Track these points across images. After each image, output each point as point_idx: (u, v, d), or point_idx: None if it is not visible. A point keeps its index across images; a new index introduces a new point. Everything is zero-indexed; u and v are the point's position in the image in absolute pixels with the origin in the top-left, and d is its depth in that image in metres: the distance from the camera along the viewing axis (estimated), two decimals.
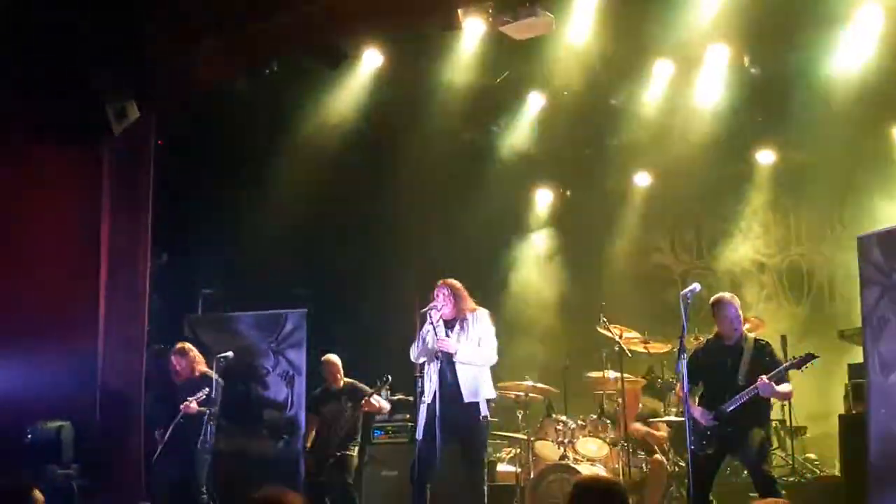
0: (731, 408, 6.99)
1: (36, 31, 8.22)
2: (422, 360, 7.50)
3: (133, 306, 9.06)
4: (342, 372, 9.58)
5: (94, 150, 8.89)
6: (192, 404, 8.58)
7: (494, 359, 7.50)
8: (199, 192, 10.93)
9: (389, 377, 9.25)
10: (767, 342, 7.31)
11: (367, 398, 9.26)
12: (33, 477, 7.92)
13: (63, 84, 8.40)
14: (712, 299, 7.37)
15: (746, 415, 7.00)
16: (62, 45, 8.28)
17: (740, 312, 7.27)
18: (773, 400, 7.28)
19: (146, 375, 9.11)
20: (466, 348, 7.35)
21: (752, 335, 7.40)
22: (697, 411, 7.12)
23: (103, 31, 8.24)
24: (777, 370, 6.93)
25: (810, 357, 6.93)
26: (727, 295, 7.38)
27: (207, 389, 8.67)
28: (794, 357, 7.05)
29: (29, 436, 8.26)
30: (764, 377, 6.87)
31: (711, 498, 7.22)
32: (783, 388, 7.02)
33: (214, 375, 8.86)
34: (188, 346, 9.15)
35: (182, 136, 10.09)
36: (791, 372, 7.02)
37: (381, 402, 9.43)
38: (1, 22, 8.12)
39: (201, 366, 8.99)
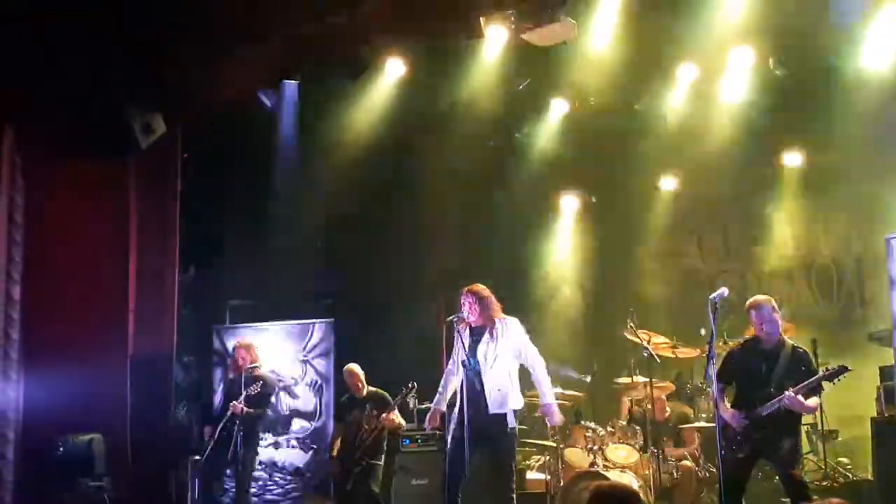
0: (762, 414, 6.91)
1: (63, 47, 8.30)
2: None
3: (162, 319, 9.13)
4: (364, 381, 9.57)
5: (122, 165, 8.98)
6: (240, 405, 8.62)
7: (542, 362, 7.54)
8: (226, 203, 11.00)
9: (415, 384, 9.24)
10: (806, 351, 7.18)
11: (387, 413, 9.24)
12: (65, 490, 8.02)
13: (90, 99, 8.48)
14: (748, 303, 7.22)
15: (778, 420, 6.90)
16: (89, 61, 8.37)
17: (776, 316, 7.11)
18: None
19: (175, 387, 9.18)
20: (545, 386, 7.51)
21: (791, 341, 7.23)
22: (729, 413, 7.02)
23: (129, 46, 8.31)
24: (807, 382, 6.81)
25: (843, 370, 6.78)
26: (763, 297, 7.22)
27: (262, 383, 8.77)
28: (826, 368, 6.91)
29: (60, 449, 8.33)
30: (790, 391, 6.76)
31: (743, 501, 7.15)
32: (811, 402, 6.90)
33: (268, 378, 8.91)
34: (248, 341, 9.28)
35: (208, 148, 10.15)
36: None
37: (399, 419, 9.41)
38: (28, 38, 8.22)
39: (259, 368, 9.05)
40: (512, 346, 7.41)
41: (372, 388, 9.57)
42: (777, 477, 7.88)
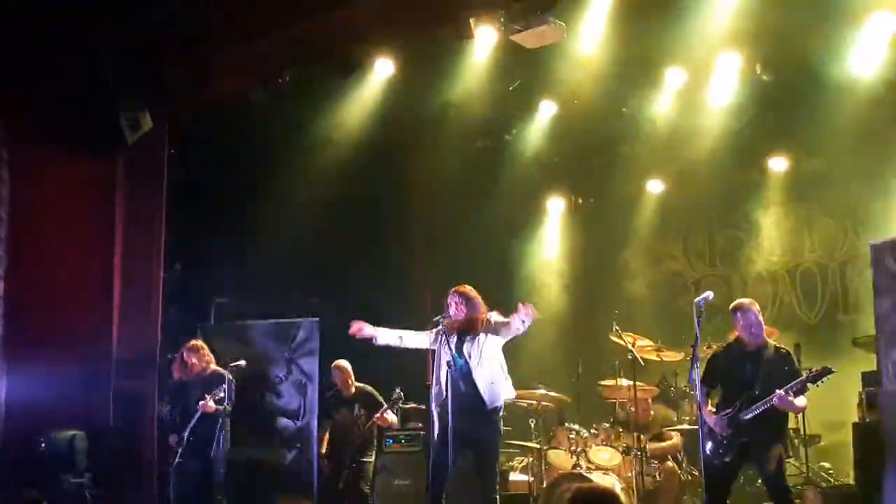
0: (747, 416, 6.90)
1: (52, 43, 8.26)
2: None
3: (147, 316, 9.08)
4: (353, 377, 9.59)
5: (108, 161, 8.93)
6: (210, 403, 8.40)
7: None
8: (212, 201, 10.97)
9: (402, 394, 9.30)
10: (789, 351, 7.18)
11: (381, 413, 9.26)
12: (47, 486, 7.98)
13: (77, 95, 8.44)
14: (732, 305, 7.23)
15: (764, 424, 6.89)
16: (77, 57, 8.33)
17: (761, 318, 7.12)
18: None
19: (160, 385, 9.13)
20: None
21: (773, 342, 7.23)
22: (713, 419, 7.02)
23: (118, 43, 8.28)
24: (793, 383, 6.79)
25: (827, 371, 6.78)
26: (747, 301, 7.23)
27: (224, 386, 8.50)
28: (809, 370, 6.90)
29: (42, 445, 8.28)
30: (781, 391, 6.74)
31: None
32: (800, 401, 6.88)
33: (227, 374, 8.76)
34: (200, 343, 9.01)
35: (195, 145, 10.12)
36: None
37: (392, 417, 9.44)
38: (17, 34, 8.18)
39: (213, 364, 8.87)
40: (495, 336, 7.42)
41: (360, 385, 9.58)
42: (759, 481, 7.90)
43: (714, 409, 7.16)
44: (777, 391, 6.77)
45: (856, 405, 9.01)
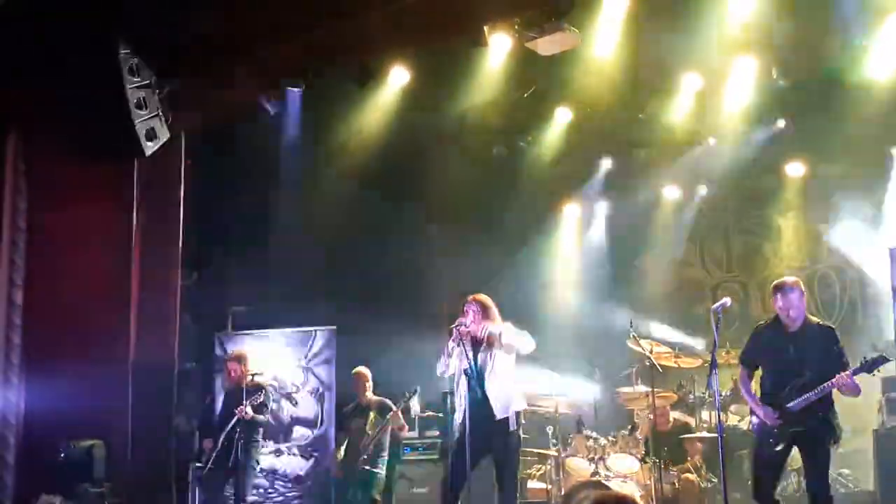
0: (798, 405, 6.51)
1: (67, 51, 8.30)
2: (450, 373, 7.49)
3: (164, 325, 9.11)
4: (371, 384, 9.59)
5: (126, 170, 8.97)
6: (248, 409, 8.60)
7: (532, 342, 7.38)
8: (229, 210, 11.00)
9: (417, 388, 9.27)
10: (832, 328, 6.76)
11: (394, 411, 9.26)
12: (66, 495, 8.01)
13: (94, 105, 8.48)
14: (774, 283, 6.86)
15: (816, 412, 6.52)
16: (95, 66, 8.37)
17: (804, 301, 6.74)
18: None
19: (178, 393, 9.18)
20: (510, 335, 7.28)
21: (816, 319, 6.83)
22: (761, 411, 6.67)
23: (134, 52, 8.31)
24: (848, 372, 6.40)
25: (883, 360, 6.41)
26: (791, 279, 6.83)
27: (263, 392, 8.77)
28: (864, 359, 6.49)
29: (62, 454, 8.33)
30: (844, 374, 6.35)
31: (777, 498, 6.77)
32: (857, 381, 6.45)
33: (268, 384, 8.92)
34: (245, 353, 9.25)
35: (211, 155, 10.16)
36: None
37: (402, 421, 9.44)
38: (34, 41, 8.22)
39: (257, 377, 9.08)
40: (507, 348, 7.41)
41: (376, 397, 9.57)
42: (787, 484, 7.79)
43: (760, 396, 6.80)
44: (840, 375, 6.37)
45: (876, 411, 8.95)
